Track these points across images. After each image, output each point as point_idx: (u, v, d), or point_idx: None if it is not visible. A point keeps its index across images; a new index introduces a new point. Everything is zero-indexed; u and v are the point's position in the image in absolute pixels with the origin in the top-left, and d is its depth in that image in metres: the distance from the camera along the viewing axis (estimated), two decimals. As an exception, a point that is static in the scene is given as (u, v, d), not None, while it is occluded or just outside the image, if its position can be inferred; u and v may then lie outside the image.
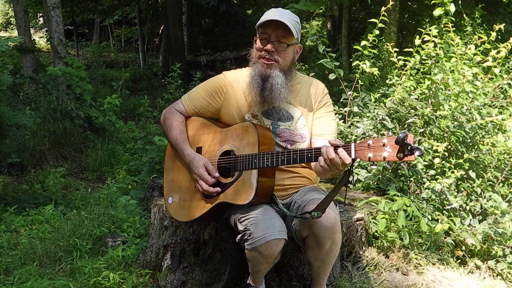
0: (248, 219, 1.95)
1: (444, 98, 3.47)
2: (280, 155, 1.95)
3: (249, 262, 2.03)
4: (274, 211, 2.03)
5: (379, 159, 1.67)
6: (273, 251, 1.90)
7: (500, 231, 2.83)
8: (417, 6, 8.04)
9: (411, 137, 1.61)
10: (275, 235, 1.87)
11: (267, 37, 2.09)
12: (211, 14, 17.12)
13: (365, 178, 3.31)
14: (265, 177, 2.02)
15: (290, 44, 2.11)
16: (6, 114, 3.95)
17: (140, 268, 2.54)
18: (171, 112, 2.32)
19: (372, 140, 1.69)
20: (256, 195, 1.98)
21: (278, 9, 2.13)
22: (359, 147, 1.73)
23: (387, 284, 2.54)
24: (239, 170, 2.06)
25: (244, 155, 2.05)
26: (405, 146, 1.60)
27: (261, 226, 1.89)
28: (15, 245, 2.90)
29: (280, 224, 1.94)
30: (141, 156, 4.79)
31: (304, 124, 2.22)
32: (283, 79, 2.12)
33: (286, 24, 2.03)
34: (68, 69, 6.51)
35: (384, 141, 1.66)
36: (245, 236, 1.94)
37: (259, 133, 2.04)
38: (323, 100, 2.26)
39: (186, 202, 2.20)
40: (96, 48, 15.82)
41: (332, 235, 1.94)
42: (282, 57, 2.11)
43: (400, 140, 1.60)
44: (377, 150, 1.67)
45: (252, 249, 1.91)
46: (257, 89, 2.12)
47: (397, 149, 1.62)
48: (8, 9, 18.70)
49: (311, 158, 1.88)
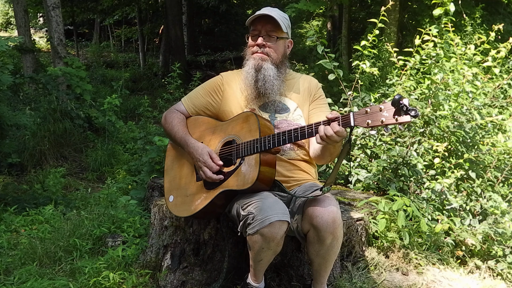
0: (251, 204, 1.96)
1: (444, 98, 3.48)
2: (281, 135, 2.00)
3: (251, 250, 2.01)
4: (277, 198, 2.05)
5: (377, 123, 1.75)
6: (276, 234, 1.89)
7: (500, 231, 2.84)
8: (417, 6, 8.05)
9: (406, 99, 1.68)
10: (278, 217, 1.88)
11: (257, 33, 2.24)
12: (211, 14, 17.11)
13: (365, 178, 3.31)
14: (267, 163, 2.03)
15: (280, 38, 2.24)
16: (6, 114, 3.94)
17: (140, 268, 2.54)
18: (172, 112, 2.39)
19: (370, 107, 1.78)
20: (258, 180, 1.98)
21: (266, 8, 2.27)
22: (357, 115, 1.81)
23: (387, 284, 2.54)
24: (241, 157, 2.08)
25: (245, 142, 2.08)
26: (401, 107, 1.67)
27: (264, 208, 1.90)
28: (15, 245, 2.90)
29: (283, 207, 1.95)
30: (141, 156, 4.80)
31: (301, 115, 2.30)
32: (275, 71, 2.24)
33: (274, 18, 2.17)
34: (68, 69, 6.51)
35: (381, 107, 1.74)
36: (248, 220, 1.93)
37: (259, 119, 2.09)
38: (317, 93, 2.38)
39: (188, 197, 2.22)
40: (96, 48, 15.84)
41: (333, 229, 1.95)
42: (273, 50, 2.24)
43: (396, 101, 1.68)
44: (375, 115, 1.75)
45: (254, 232, 1.90)
46: (251, 81, 2.23)
47: (394, 111, 1.71)
48: (8, 9, 18.71)
49: (311, 133, 1.94)
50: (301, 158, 2.28)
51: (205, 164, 2.12)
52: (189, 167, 2.28)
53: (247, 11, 17.23)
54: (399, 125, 1.73)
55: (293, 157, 2.26)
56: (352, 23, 10.63)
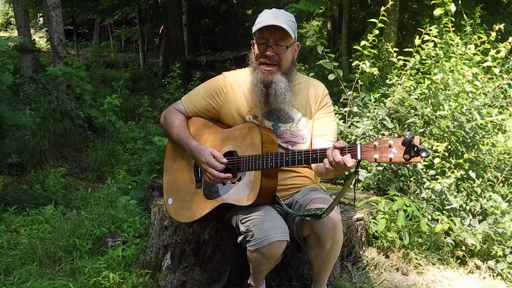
0: (250, 221, 1.95)
1: (444, 98, 3.48)
2: (284, 156, 1.94)
3: (251, 263, 2.03)
4: (276, 212, 2.02)
5: (385, 160, 1.67)
6: (275, 253, 1.90)
7: (500, 231, 2.83)
8: (417, 6, 8.04)
9: (417, 138, 1.61)
10: (277, 237, 1.87)
11: (265, 42, 2.08)
12: (211, 14, 17.10)
13: (365, 178, 3.31)
14: (268, 178, 2.01)
15: (289, 46, 2.11)
16: (6, 114, 3.95)
17: (140, 268, 2.54)
18: (171, 112, 2.30)
19: (378, 142, 1.70)
20: (259, 196, 1.97)
21: (272, 11, 2.12)
22: (365, 148, 1.73)
23: (387, 284, 2.54)
24: (242, 171, 2.05)
25: (247, 156, 2.03)
26: (412, 148, 1.61)
27: (263, 228, 1.88)
28: (15, 245, 2.90)
29: (283, 225, 1.94)
30: (141, 156, 4.80)
31: (305, 125, 2.22)
32: (286, 82, 2.12)
33: (283, 27, 2.02)
34: (68, 69, 6.51)
35: (390, 142, 1.66)
36: (247, 238, 1.93)
37: (262, 134, 2.03)
38: (323, 101, 2.27)
39: (187, 203, 2.19)
40: (96, 48, 15.82)
41: (333, 234, 1.94)
42: (282, 59, 2.11)
43: (407, 142, 1.60)
44: (383, 151, 1.68)
45: (254, 250, 1.91)
46: (261, 96, 2.12)
47: (404, 150, 1.63)
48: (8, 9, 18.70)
49: (316, 159, 1.87)
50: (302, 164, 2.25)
51: (209, 164, 2.04)
52: (188, 171, 2.24)
53: (247, 11, 17.24)
54: (407, 164, 1.67)
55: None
56: (352, 23, 10.63)
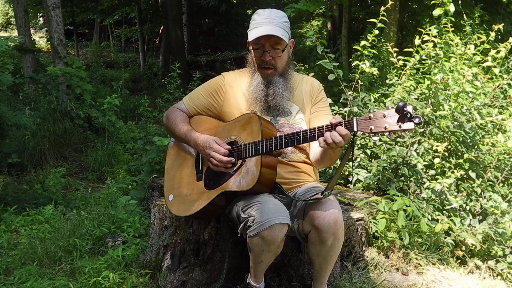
0: (252, 206, 1.96)
1: (444, 98, 3.48)
2: (283, 137, 1.99)
3: (251, 252, 2.02)
4: (277, 200, 2.05)
5: (380, 129, 1.72)
6: (276, 236, 1.89)
7: (500, 231, 2.84)
8: (417, 6, 8.05)
9: (410, 106, 1.66)
10: (278, 220, 1.88)
11: (261, 47, 2.17)
12: (211, 14, 17.12)
13: (365, 178, 3.31)
14: (268, 166, 2.03)
15: (284, 48, 2.19)
16: (6, 114, 3.95)
17: (140, 268, 2.54)
18: (173, 111, 2.38)
19: (373, 113, 1.76)
20: (258, 182, 1.98)
21: (266, 13, 2.16)
22: (360, 120, 1.79)
23: (387, 284, 2.54)
24: (242, 159, 2.08)
25: (247, 144, 2.08)
26: (405, 114, 1.65)
27: (265, 211, 1.90)
28: (15, 245, 2.90)
29: (284, 210, 1.95)
30: (141, 156, 4.80)
31: (302, 119, 2.29)
32: (283, 83, 2.23)
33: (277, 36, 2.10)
34: (68, 69, 6.51)
35: (385, 113, 1.72)
36: (248, 223, 1.93)
37: (262, 121, 2.08)
38: (319, 95, 2.36)
39: (188, 196, 2.22)
40: (96, 48, 15.83)
41: (335, 230, 1.95)
42: (279, 61, 2.21)
43: (400, 108, 1.66)
44: (378, 121, 1.73)
45: (255, 235, 1.90)
46: (261, 96, 2.21)
47: (397, 117, 1.68)
48: (8, 9, 18.72)
49: (314, 137, 1.93)
50: (302, 160, 2.28)
51: (212, 149, 2.11)
52: (188, 166, 2.29)
53: (247, 11, 17.23)
54: (402, 132, 1.71)
55: (294, 159, 2.25)
56: (352, 23, 10.64)
